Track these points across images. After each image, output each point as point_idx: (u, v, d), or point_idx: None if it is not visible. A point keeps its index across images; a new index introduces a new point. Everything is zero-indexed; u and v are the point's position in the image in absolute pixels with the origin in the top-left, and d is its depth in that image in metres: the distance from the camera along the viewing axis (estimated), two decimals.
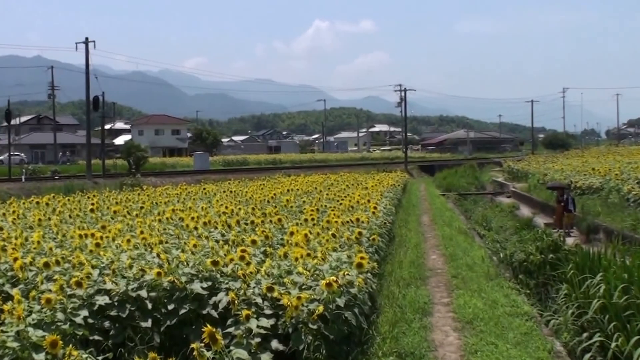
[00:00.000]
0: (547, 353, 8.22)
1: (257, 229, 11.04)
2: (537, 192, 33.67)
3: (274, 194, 19.17)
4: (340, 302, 6.83)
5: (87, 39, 50.47)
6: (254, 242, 9.51)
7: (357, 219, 12.35)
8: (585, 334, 9.26)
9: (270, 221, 12.39)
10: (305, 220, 12.36)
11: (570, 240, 18.02)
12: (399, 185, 32.75)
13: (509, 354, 7.85)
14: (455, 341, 8.46)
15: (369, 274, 8.74)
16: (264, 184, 26.64)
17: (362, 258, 8.16)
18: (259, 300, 6.88)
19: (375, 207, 15.12)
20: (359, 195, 17.80)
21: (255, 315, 6.43)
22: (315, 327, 6.48)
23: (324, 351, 6.38)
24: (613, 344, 8.28)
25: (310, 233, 10.23)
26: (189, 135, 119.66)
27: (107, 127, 71.94)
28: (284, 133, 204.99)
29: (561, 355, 8.47)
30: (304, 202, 17.38)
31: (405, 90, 77.70)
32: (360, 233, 10.64)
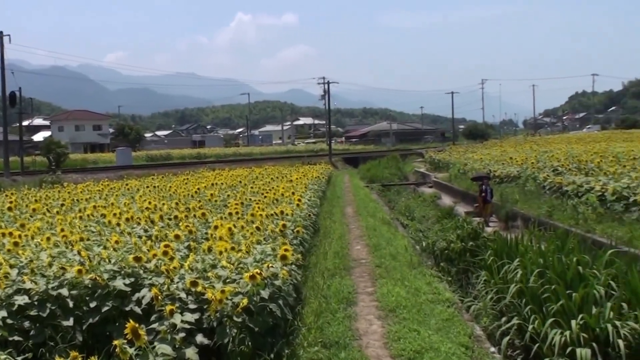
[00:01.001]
0: (468, 338, 8.46)
1: (180, 224, 10.94)
2: (458, 181, 34.42)
3: (198, 189, 19.01)
4: (265, 294, 6.86)
5: (1, 32, 48.77)
6: (177, 237, 9.43)
7: (282, 212, 12.39)
8: (503, 318, 9.57)
9: (194, 216, 12.30)
10: (230, 214, 12.32)
11: (490, 229, 18.53)
12: (323, 177, 32.95)
13: (430, 340, 8.04)
14: (378, 329, 8.62)
15: (294, 266, 8.80)
16: (188, 179, 26.35)
17: (286, 250, 8.21)
18: (183, 295, 6.85)
19: (299, 200, 15.19)
20: (284, 188, 17.83)
21: (179, 310, 6.40)
22: (239, 320, 6.50)
23: (249, 343, 6.40)
24: (530, 327, 8.60)
25: (235, 227, 10.21)
26: (111, 130, 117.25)
27: (25, 123, 69.71)
28: (208, 127, 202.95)
29: (481, 339, 8.74)
30: (228, 196, 17.31)
31: (328, 83, 78.14)
32: (284, 225, 10.69)
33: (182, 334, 6.09)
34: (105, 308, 6.82)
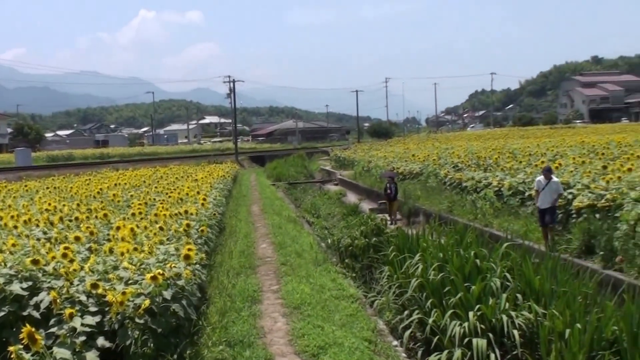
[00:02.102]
0: (371, 332, 8.62)
1: (81, 226, 10.66)
2: (363, 179, 34.93)
3: (101, 189, 18.56)
4: (167, 294, 6.78)
5: None
6: (77, 238, 9.17)
7: (186, 211, 12.26)
8: (406, 312, 9.81)
9: (96, 217, 12.00)
10: (133, 214, 12.09)
11: (393, 225, 18.91)
12: (229, 176, 32.78)
13: (334, 336, 8.14)
14: (283, 326, 8.67)
15: (198, 266, 8.73)
16: (90, 179, 25.64)
17: (189, 250, 8.14)
18: (83, 297, 6.68)
19: (204, 199, 15.06)
20: (189, 188, 17.65)
21: (79, 314, 6.24)
22: (142, 321, 6.40)
23: (152, 345, 6.32)
24: (430, 320, 8.84)
25: (138, 227, 10.02)
26: (9, 130, 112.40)
27: None
28: (112, 126, 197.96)
29: (384, 333, 8.93)
30: (131, 196, 16.98)
31: (234, 81, 77.56)
32: (188, 225, 10.57)
33: (83, 338, 5.94)
34: (2, 313, 6.57)
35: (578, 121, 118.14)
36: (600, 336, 7.32)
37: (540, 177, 14.71)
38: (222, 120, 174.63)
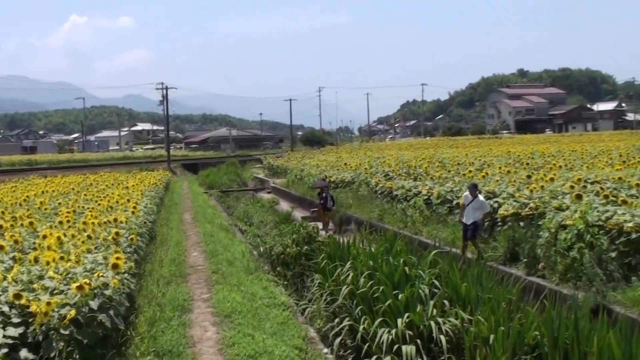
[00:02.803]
0: (302, 340, 8.65)
1: (5, 234, 10.38)
2: (296, 187, 35.00)
3: (27, 196, 18.11)
4: (94, 304, 6.68)
5: None
6: (1, 247, 8.94)
7: (116, 219, 12.08)
8: (336, 320, 9.89)
9: (22, 225, 11.71)
10: (60, 222, 11.85)
11: (324, 233, 19.01)
12: (161, 184, 32.39)
13: (265, 344, 8.14)
14: (213, 335, 8.62)
15: (127, 274, 8.62)
16: (16, 186, 24.97)
17: (118, 258, 8.03)
18: (5, 308, 6.52)
19: (135, 207, 14.87)
20: (119, 195, 17.38)
21: (1, 325, 6.09)
22: (67, 332, 6.29)
23: (78, 356, 6.22)
24: (361, 327, 8.94)
25: (65, 235, 9.83)
26: None
27: None
28: (41, 133, 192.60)
29: (314, 341, 8.98)
30: (59, 203, 16.61)
31: (167, 88, 76.62)
32: (117, 233, 10.42)
33: (5, 350, 5.81)
34: None
35: (505, 132, 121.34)
36: (523, 341, 7.55)
37: (467, 193, 14.70)
38: (155, 127, 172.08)
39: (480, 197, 14.65)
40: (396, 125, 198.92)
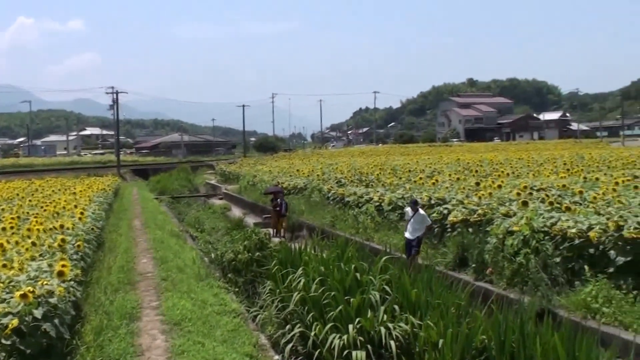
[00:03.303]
0: (253, 347, 8.60)
1: None
2: (248, 193, 34.88)
3: None
4: (38, 313, 6.54)
5: None
6: None
7: (62, 226, 11.86)
8: (288, 326, 9.88)
9: None
10: (4, 228, 11.58)
11: (277, 239, 18.98)
12: (110, 189, 31.92)
13: (215, 352, 8.06)
14: (162, 344, 8.50)
15: (73, 282, 8.46)
16: None
17: (63, 266, 7.88)
18: None
19: (82, 213, 14.62)
20: (66, 201, 17.08)
21: None
22: (9, 342, 6.14)
23: None
24: (312, 333, 8.95)
25: (8, 242, 9.62)
26: None
27: None
28: None
29: (265, 348, 8.93)
30: (2, 209, 16.24)
31: (117, 92, 75.64)
32: (63, 240, 10.23)
33: None
34: None
35: (455, 140, 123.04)
36: (471, 345, 7.64)
37: (408, 209, 14.82)
38: (105, 132, 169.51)
39: (421, 211, 14.70)
40: (349, 132, 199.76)
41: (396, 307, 9.16)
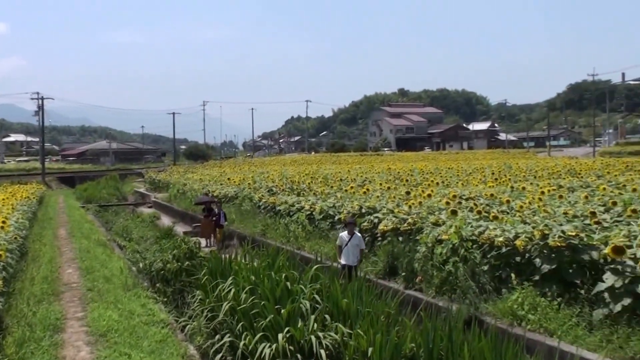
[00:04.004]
0: (181, 358, 8.50)
1: None
2: (178, 201, 34.48)
3: None
4: None
5: None
6: None
7: None
8: (217, 336, 9.75)
9: None
10: None
11: (207, 249, 18.78)
12: (34, 197, 31.11)
13: None
14: (87, 356, 8.30)
15: None
16: None
17: None
18: None
19: (4, 221, 14.15)
20: None
21: None
22: None
23: None
24: (241, 343, 8.86)
25: None
26: None
27: None
28: None
29: (194, 358, 8.84)
30: None
31: (43, 98, 73.80)
32: None
33: None
34: None
35: (386, 149, 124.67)
36: (400, 353, 7.70)
37: (344, 233, 13.63)
38: (29, 138, 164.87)
39: (358, 233, 13.81)
40: (280, 140, 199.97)
41: (327, 316, 9.15)
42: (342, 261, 13.26)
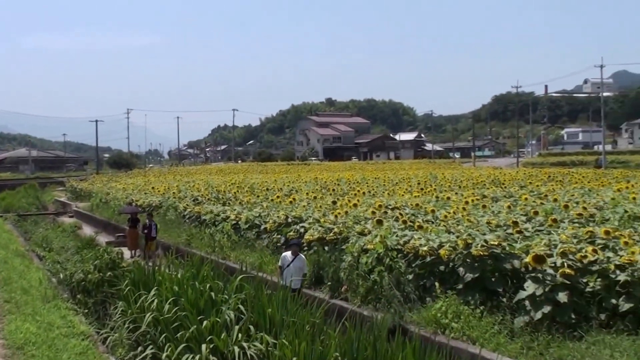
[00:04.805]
0: None
1: None
2: (100, 211, 33.74)
3: None
4: None
5: None
6: None
7: None
8: (140, 348, 9.57)
9: None
10: None
11: (130, 259, 18.43)
12: None
13: None
14: None
15: None
16: None
17: None
18: None
19: None
20: None
21: None
22: None
23: None
24: (164, 354, 8.73)
25: None
26: None
27: None
28: None
29: None
30: None
31: None
32: None
33: None
34: None
35: (313, 158, 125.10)
36: None
37: (287, 253, 12.95)
38: None
39: (301, 255, 13.12)
40: (207, 149, 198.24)
41: (251, 326, 9.11)
42: (284, 283, 11.82)
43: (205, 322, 9.04)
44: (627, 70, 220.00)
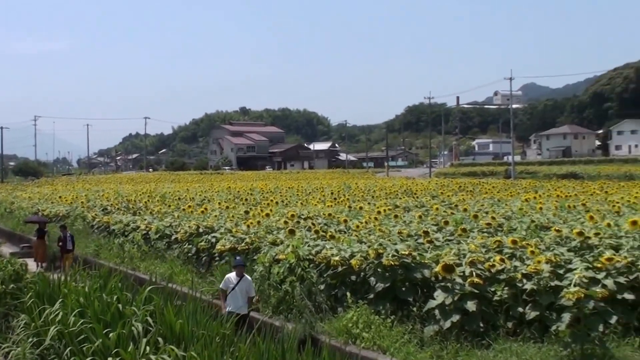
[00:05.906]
0: None
1: None
2: (5, 221, 32.48)
3: None
4: None
5: None
6: None
7: None
8: None
9: None
10: None
11: (35, 270, 17.79)
12: None
13: None
14: None
15: None
16: None
17: None
18: None
19: None
20: None
21: None
22: None
23: None
24: None
25: None
26: None
27: None
28: None
29: None
30: None
31: None
32: None
33: None
34: None
35: (227, 168, 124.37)
36: None
37: (232, 275, 11.68)
38: None
39: (247, 276, 11.89)
40: (118, 157, 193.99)
41: (160, 338, 8.93)
42: (229, 308, 11.24)
43: (111, 335, 8.79)
44: (535, 82, 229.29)
